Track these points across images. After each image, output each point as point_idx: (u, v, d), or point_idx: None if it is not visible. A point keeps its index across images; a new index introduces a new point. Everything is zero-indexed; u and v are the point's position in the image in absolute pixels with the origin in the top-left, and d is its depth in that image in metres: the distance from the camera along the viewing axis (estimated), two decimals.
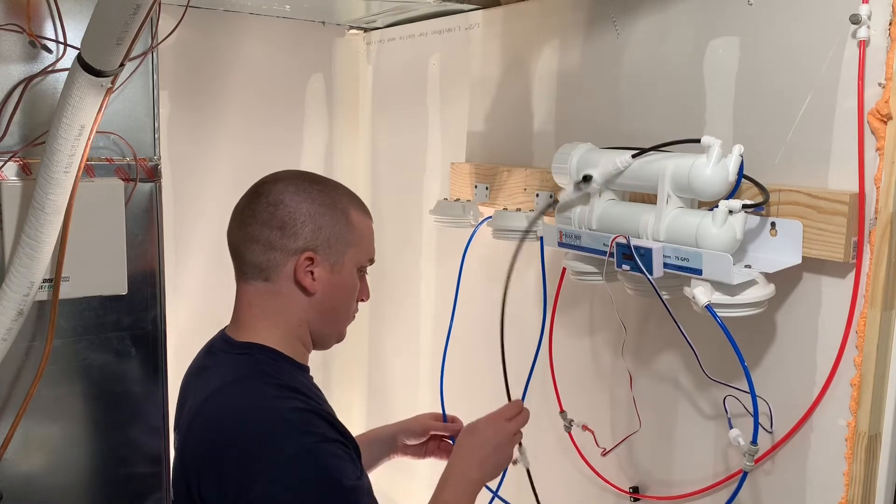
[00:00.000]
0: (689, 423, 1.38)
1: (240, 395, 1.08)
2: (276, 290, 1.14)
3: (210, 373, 1.15)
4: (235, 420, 1.05)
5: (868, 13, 1.06)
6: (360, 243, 1.18)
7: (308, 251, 1.12)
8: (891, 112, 1.05)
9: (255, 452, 1.02)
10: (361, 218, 1.19)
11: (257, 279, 1.14)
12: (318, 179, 1.19)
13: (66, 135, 1.27)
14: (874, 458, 1.11)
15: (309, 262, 1.13)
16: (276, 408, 1.06)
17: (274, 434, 1.03)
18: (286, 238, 1.12)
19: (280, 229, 1.12)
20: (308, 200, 1.14)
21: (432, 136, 2.05)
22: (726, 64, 1.27)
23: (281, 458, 1.01)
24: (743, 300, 1.12)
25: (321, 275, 1.14)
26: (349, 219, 1.16)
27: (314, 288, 1.13)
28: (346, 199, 1.18)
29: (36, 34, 1.40)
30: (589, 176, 1.28)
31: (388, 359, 2.34)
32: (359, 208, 1.20)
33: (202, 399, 1.10)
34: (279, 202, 1.13)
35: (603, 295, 1.53)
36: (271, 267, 1.13)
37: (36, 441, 1.49)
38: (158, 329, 1.58)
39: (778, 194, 1.15)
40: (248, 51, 2.12)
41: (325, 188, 1.17)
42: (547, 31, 1.64)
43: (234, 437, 1.04)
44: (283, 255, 1.12)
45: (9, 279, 1.35)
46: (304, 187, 1.15)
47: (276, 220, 1.12)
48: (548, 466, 1.66)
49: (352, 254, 1.17)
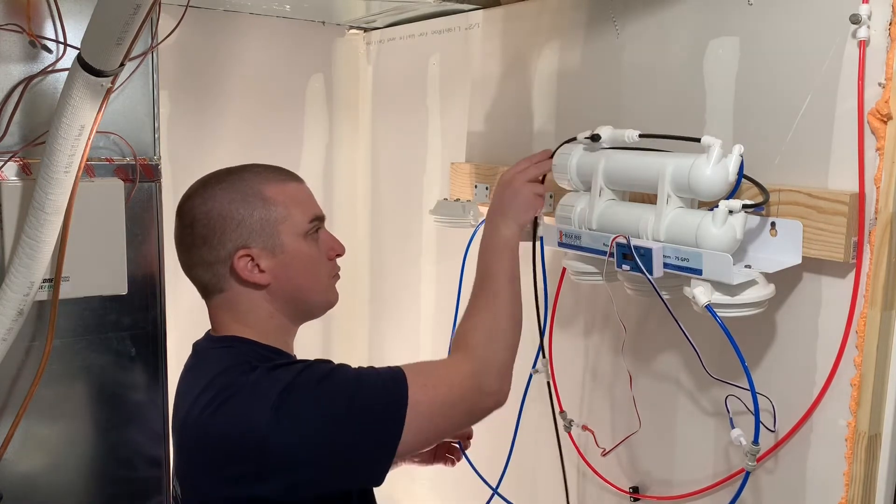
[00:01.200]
0: (690, 422, 1.38)
1: (231, 379, 1.07)
2: (234, 297, 1.14)
3: (197, 369, 1.15)
4: (229, 394, 1.05)
5: (868, 13, 1.06)
6: (289, 213, 1.14)
7: (239, 250, 1.11)
8: (891, 112, 1.05)
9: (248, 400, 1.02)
10: (279, 188, 1.15)
11: (215, 294, 1.15)
12: (221, 176, 1.16)
13: (66, 135, 1.27)
14: (874, 458, 1.11)
15: (248, 259, 1.11)
16: (267, 376, 1.06)
17: (263, 390, 1.03)
18: (214, 250, 1.11)
19: (205, 245, 1.12)
20: (216, 204, 1.12)
21: (432, 136, 2.05)
22: (726, 64, 1.27)
23: (278, 388, 1.01)
24: (743, 300, 1.12)
25: (267, 264, 1.12)
26: (265, 198, 1.12)
27: (265, 279, 1.12)
28: (254, 181, 1.14)
29: (36, 34, 1.40)
30: (597, 135, 1.28)
31: (389, 359, 2.33)
32: (272, 180, 1.15)
33: (195, 395, 1.10)
34: (193, 220, 1.12)
35: (603, 295, 1.53)
36: (218, 279, 1.13)
37: (36, 441, 1.49)
38: (158, 329, 1.58)
39: (778, 194, 1.15)
40: (248, 51, 2.12)
41: (229, 182, 1.14)
42: (547, 31, 1.64)
43: (227, 413, 1.03)
44: (221, 265, 1.12)
45: (9, 279, 1.35)
46: (210, 193, 1.13)
47: (198, 239, 1.12)
48: (548, 466, 1.66)
49: (286, 228, 1.13)
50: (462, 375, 1.11)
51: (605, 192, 1.31)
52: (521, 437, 1.62)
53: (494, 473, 1.62)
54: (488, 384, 1.12)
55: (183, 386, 1.17)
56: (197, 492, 1.10)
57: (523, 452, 1.65)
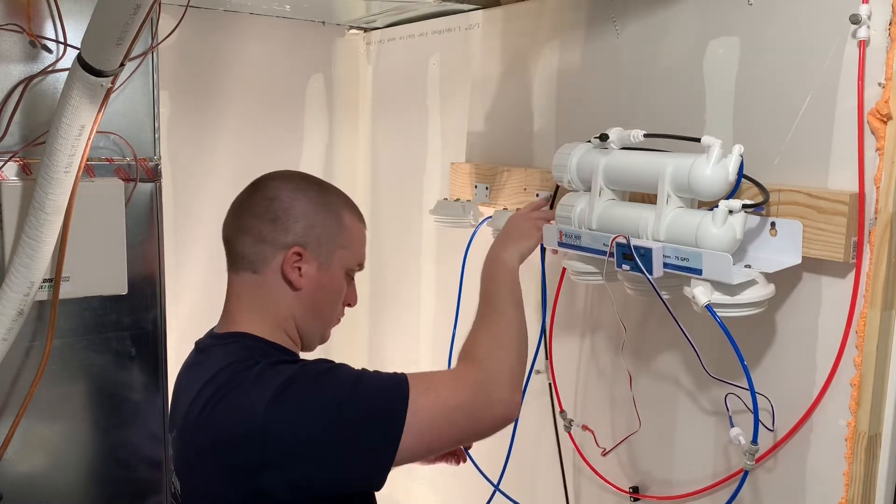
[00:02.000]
0: (689, 422, 1.38)
1: (234, 374, 1.07)
2: (263, 282, 1.14)
3: (200, 366, 1.15)
4: (225, 389, 1.05)
5: (868, 13, 1.06)
6: (350, 246, 1.19)
7: (297, 246, 1.13)
8: (891, 112, 1.05)
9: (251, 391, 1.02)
10: (354, 222, 1.20)
11: (246, 270, 1.15)
12: (317, 181, 1.21)
13: (66, 135, 1.27)
14: (874, 458, 1.11)
15: (297, 258, 1.13)
16: (272, 369, 1.06)
17: (265, 380, 1.03)
18: (277, 232, 1.13)
19: (272, 222, 1.13)
20: (304, 198, 1.15)
21: (432, 136, 2.05)
22: (726, 64, 1.27)
23: (276, 382, 1.02)
24: (743, 300, 1.12)
25: (308, 271, 1.14)
26: (342, 220, 1.18)
27: (300, 283, 1.14)
28: (340, 202, 1.20)
29: (36, 34, 1.40)
30: (605, 135, 1.30)
31: (388, 359, 2.33)
32: (353, 212, 1.21)
33: (196, 391, 1.09)
34: (275, 197, 1.14)
35: (603, 295, 1.53)
36: (260, 259, 1.14)
37: (36, 441, 1.49)
38: (158, 329, 1.58)
39: (778, 194, 1.15)
40: (248, 51, 2.12)
41: (321, 189, 1.19)
42: (547, 31, 1.64)
43: (228, 403, 1.03)
44: (272, 248, 1.13)
45: (9, 279, 1.35)
46: (302, 186, 1.17)
47: (269, 214, 1.13)
48: (548, 466, 1.66)
49: (341, 255, 1.17)
50: (466, 382, 1.11)
51: (605, 192, 1.31)
52: (522, 437, 1.62)
53: (494, 473, 1.62)
54: (496, 391, 1.12)
55: (183, 382, 1.17)
56: (197, 488, 1.09)
57: (523, 452, 1.66)
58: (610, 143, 1.31)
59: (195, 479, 1.10)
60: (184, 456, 1.12)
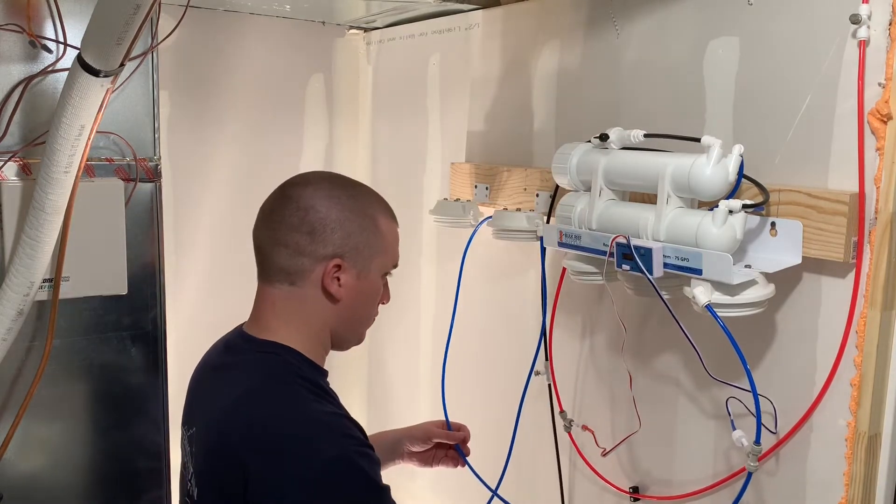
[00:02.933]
0: (690, 423, 1.38)
1: (276, 396, 1.07)
2: (302, 295, 1.13)
3: (235, 372, 1.14)
4: (274, 422, 1.04)
5: (868, 13, 1.06)
6: (387, 250, 1.19)
7: (336, 258, 1.12)
8: (891, 112, 1.05)
9: (295, 455, 1.01)
10: (389, 225, 1.20)
11: (283, 283, 1.14)
12: (349, 183, 1.19)
13: (66, 135, 1.27)
14: (874, 458, 1.11)
15: (336, 269, 1.13)
16: (314, 410, 1.06)
17: (314, 438, 1.03)
18: (315, 244, 1.12)
19: (310, 234, 1.12)
20: (338, 207, 1.13)
21: (432, 136, 2.05)
22: (726, 64, 1.27)
23: (320, 461, 1.01)
24: (743, 300, 1.12)
25: (347, 281, 1.14)
26: (378, 226, 1.17)
27: (340, 294, 1.14)
28: (375, 206, 1.18)
29: (36, 34, 1.40)
30: (605, 135, 1.30)
31: (388, 359, 2.33)
32: (387, 214, 1.20)
33: (233, 399, 1.09)
34: (309, 207, 1.12)
35: (603, 295, 1.53)
36: (298, 272, 1.13)
37: (36, 441, 1.49)
38: (158, 329, 1.58)
39: (778, 194, 1.15)
40: (248, 51, 2.12)
41: (355, 193, 1.17)
42: (547, 31, 1.64)
43: (273, 440, 1.03)
44: (311, 260, 1.12)
45: (9, 279, 1.35)
46: (335, 193, 1.15)
47: (305, 226, 1.12)
48: (548, 466, 1.66)
49: (378, 261, 1.18)
50: None
51: (604, 192, 1.32)
52: (522, 437, 1.63)
53: (494, 473, 1.62)
54: None
55: (212, 383, 1.16)
56: (219, 493, 1.09)
57: (523, 452, 1.66)
58: (610, 143, 1.31)
59: (214, 484, 1.10)
60: (203, 457, 1.12)
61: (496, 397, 1.81)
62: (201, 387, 1.20)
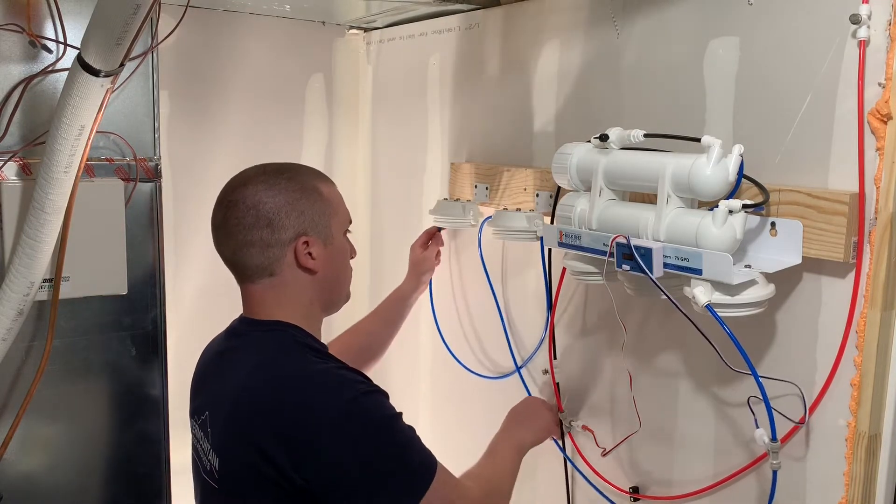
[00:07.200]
0: (690, 422, 1.38)
1: (288, 362, 1.16)
2: (283, 280, 1.22)
3: (240, 352, 1.21)
4: (291, 383, 1.12)
5: (868, 13, 1.06)
6: (337, 211, 1.27)
7: (301, 236, 1.20)
8: (891, 112, 1.05)
9: (318, 402, 1.09)
10: (330, 189, 1.27)
11: (262, 277, 1.22)
12: (280, 168, 1.26)
13: (66, 135, 1.27)
14: (874, 458, 1.11)
15: (306, 245, 1.20)
16: (325, 367, 1.15)
17: (330, 385, 1.12)
18: (278, 232, 1.19)
19: (269, 226, 1.19)
20: (282, 192, 1.21)
21: (432, 136, 2.05)
22: (726, 64, 1.27)
23: (343, 400, 1.10)
24: (743, 300, 1.12)
25: (319, 252, 1.22)
26: (321, 194, 1.24)
27: (316, 266, 1.22)
28: (312, 177, 1.26)
29: (36, 34, 1.40)
30: (605, 135, 1.31)
31: (388, 359, 2.33)
32: (325, 181, 1.28)
33: (247, 371, 1.16)
34: (257, 203, 1.20)
35: (603, 295, 1.53)
36: (273, 262, 1.21)
37: (36, 441, 1.49)
38: (158, 329, 1.58)
39: (778, 194, 1.15)
40: (248, 51, 2.12)
41: (290, 174, 1.24)
42: (547, 31, 1.64)
43: (295, 393, 1.10)
44: (279, 248, 1.20)
45: (9, 279, 1.35)
46: (273, 181, 1.22)
47: (262, 220, 1.19)
48: (547, 466, 1.66)
49: (335, 223, 1.26)
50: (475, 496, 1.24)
51: (605, 192, 1.31)
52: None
53: None
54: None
55: (221, 367, 1.22)
56: (239, 460, 1.14)
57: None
58: (610, 143, 1.31)
59: (236, 450, 1.15)
60: (223, 426, 1.17)
61: (496, 396, 1.81)
62: (209, 373, 1.27)
